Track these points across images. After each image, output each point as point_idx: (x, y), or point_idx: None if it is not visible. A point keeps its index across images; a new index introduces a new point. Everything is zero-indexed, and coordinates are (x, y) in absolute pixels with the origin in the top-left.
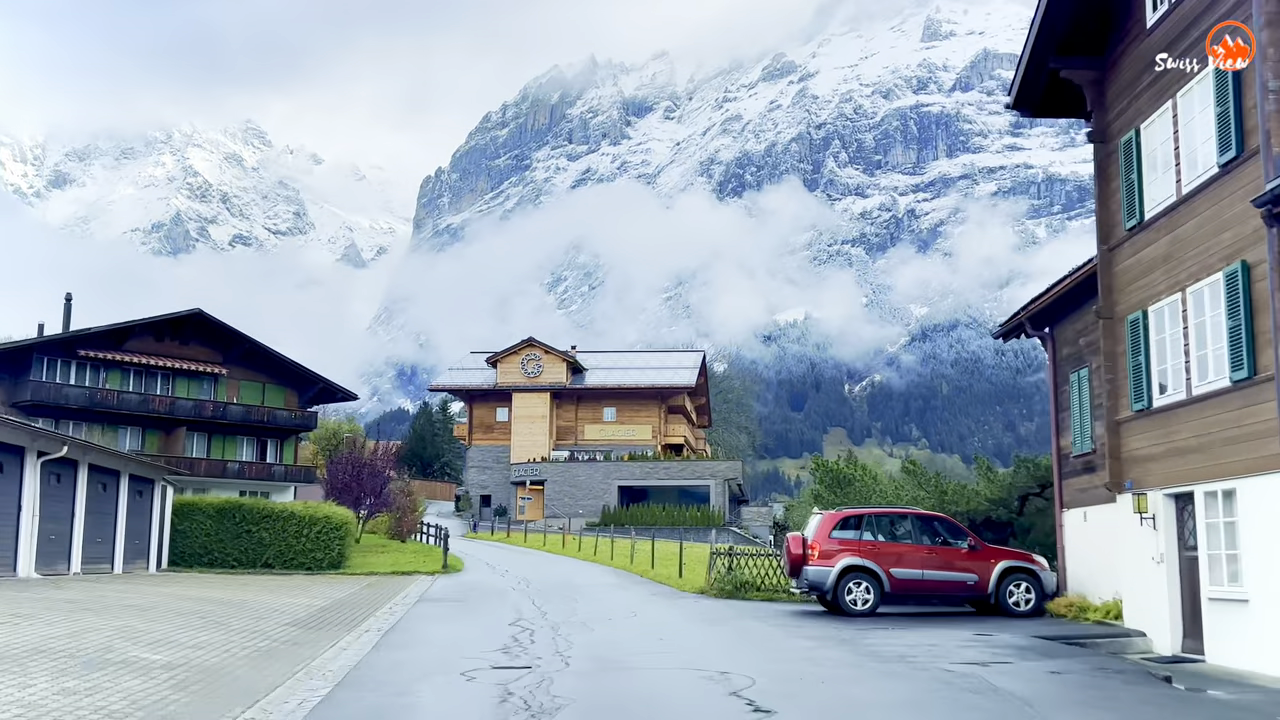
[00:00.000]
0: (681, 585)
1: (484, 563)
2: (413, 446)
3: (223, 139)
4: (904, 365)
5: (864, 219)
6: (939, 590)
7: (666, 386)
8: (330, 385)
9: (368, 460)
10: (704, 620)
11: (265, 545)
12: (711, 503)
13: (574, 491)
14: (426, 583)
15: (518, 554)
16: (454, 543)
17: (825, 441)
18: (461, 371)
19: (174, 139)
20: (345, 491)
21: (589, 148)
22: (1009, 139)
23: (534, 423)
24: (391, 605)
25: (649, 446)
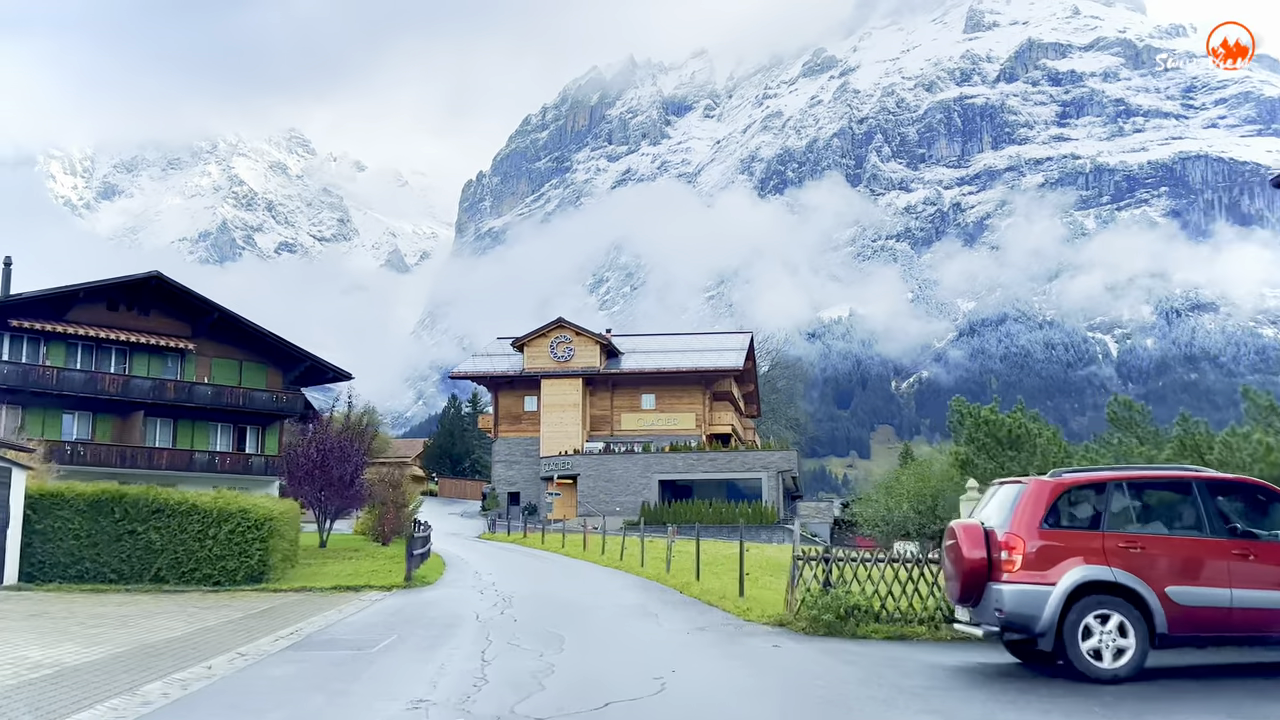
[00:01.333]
0: (744, 610)
1: (473, 571)
2: (440, 443)
3: (267, 148)
4: (952, 361)
5: (908, 213)
6: (1271, 626)
7: (711, 370)
8: (319, 362)
9: (336, 442)
10: (808, 703)
11: (156, 551)
12: (764, 498)
13: (610, 487)
14: (361, 605)
15: (527, 559)
16: (462, 545)
17: (872, 439)
18: (486, 358)
19: (219, 149)
20: (306, 483)
21: (629, 148)
22: (1055, 129)
23: (565, 412)
24: (231, 657)
25: (692, 437)
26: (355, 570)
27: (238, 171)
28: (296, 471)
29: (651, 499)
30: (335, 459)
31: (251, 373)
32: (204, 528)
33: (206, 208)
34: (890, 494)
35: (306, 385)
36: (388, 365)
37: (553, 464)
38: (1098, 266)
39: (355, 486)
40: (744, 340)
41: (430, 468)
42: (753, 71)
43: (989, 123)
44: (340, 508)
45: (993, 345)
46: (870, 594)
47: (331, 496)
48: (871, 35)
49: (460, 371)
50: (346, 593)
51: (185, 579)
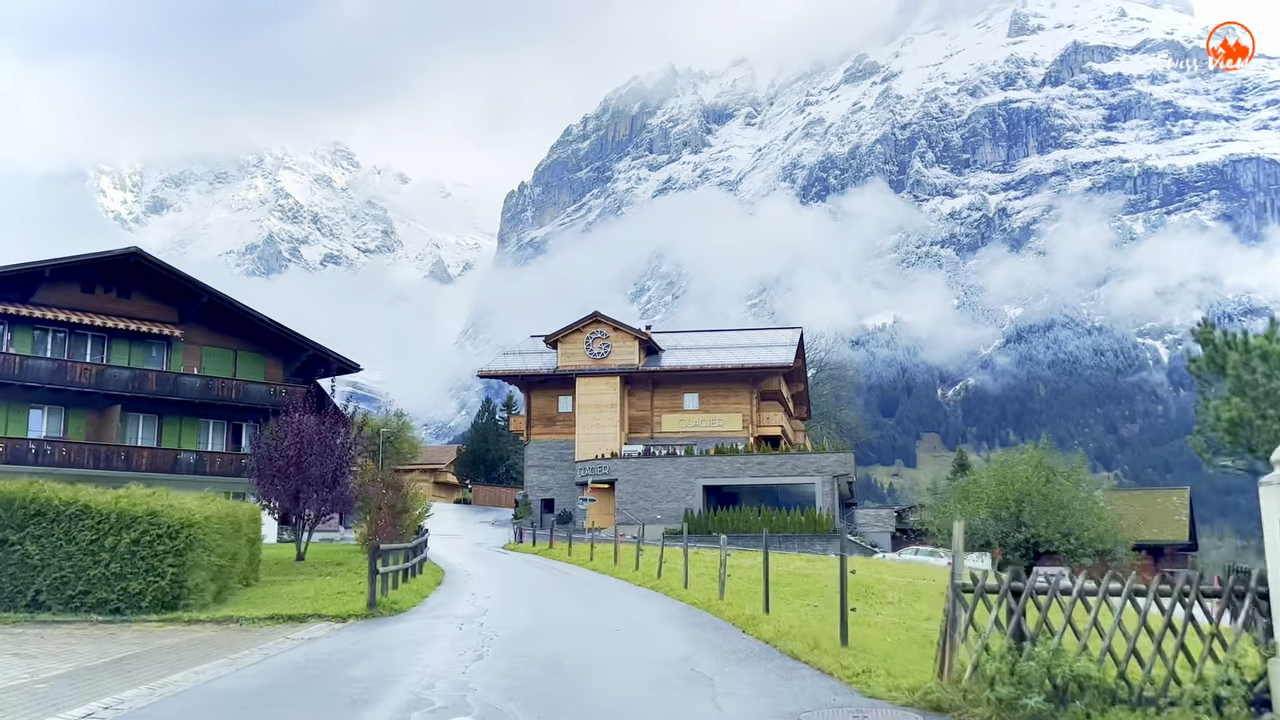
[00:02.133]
0: (858, 674)
1: (470, 593)
2: (474, 449)
3: (312, 161)
4: (999, 367)
5: (953, 219)
6: None
7: (759, 367)
8: (322, 351)
9: (316, 433)
10: None
11: (34, 567)
12: (818, 504)
13: (650, 493)
14: (273, 649)
15: (545, 576)
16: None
17: (918, 447)
18: (518, 356)
19: (265, 162)
20: (280, 483)
21: (670, 157)
22: (1103, 133)
23: (601, 413)
24: None
25: (739, 439)
26: (317, 592)
27: (284, 185)
28: (267, 469)
29: (695, 506)
30: (315, 454)
31: (248, 363)
32: (98, 537)
33: (253, 221)
34: (967, 498)
35: (311, 378)
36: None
37: (588, 468)
38: (1147, 271)
39: (341, 487)
40: (793, 336)
41: (464, 475)
42: (794, 79)
43: (1034, 127)
44: (323, 512)
45: (1040, 352)
46: (1101, 654)
47: (310, 499)
48: (914, 40)
49: (490, 370)
50: (285, 624)
51: (72, 605)
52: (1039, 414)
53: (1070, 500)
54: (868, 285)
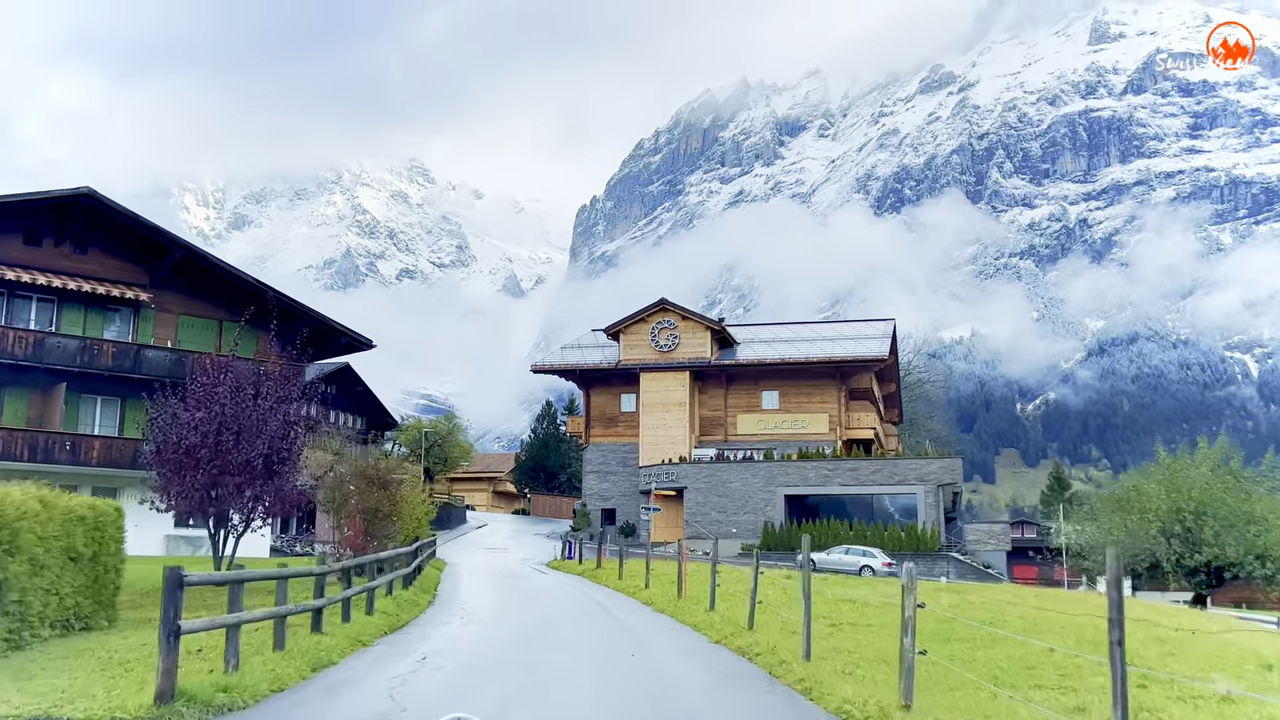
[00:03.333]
0: None
1: (420, 654)
2: (533, 455)
3: (389, 177)
4: (1080, 382)
5: (1032, 230)
6: None
7: (849, 360)
8: (326, 323)
9: (241, 403)
10: None
11: None
12: (919, 518)
13: (723, 503)
14: None
15: (575, 614)
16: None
17: (997, 463)
18: (576, 350)
19: (344, 179)
20: (188, 473)
21: (742, 169)
22: (1187, 141)
23: (669, 411)
24: None
25: (825, 443)
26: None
27: (361, 201)
28: (169, 454)
29: (776, 518)
30: (242, 432)
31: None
32: None
33: (331, 236)
34: (1126, 510)
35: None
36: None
37: (653, 474)
38: (1235, 282)
39: (280, 478)
40: (885, 328)
41: (523, 483)
42: (868, 90)
43: (1116, 136)
44: (256, 513)
45: (1124, 365)
46: None
47: (232, 495)
48: (991, 50)
49: (544, 364)
50: None
51: None
52: (1123, 429)
53: (1266, 513)
54: (944, 297)
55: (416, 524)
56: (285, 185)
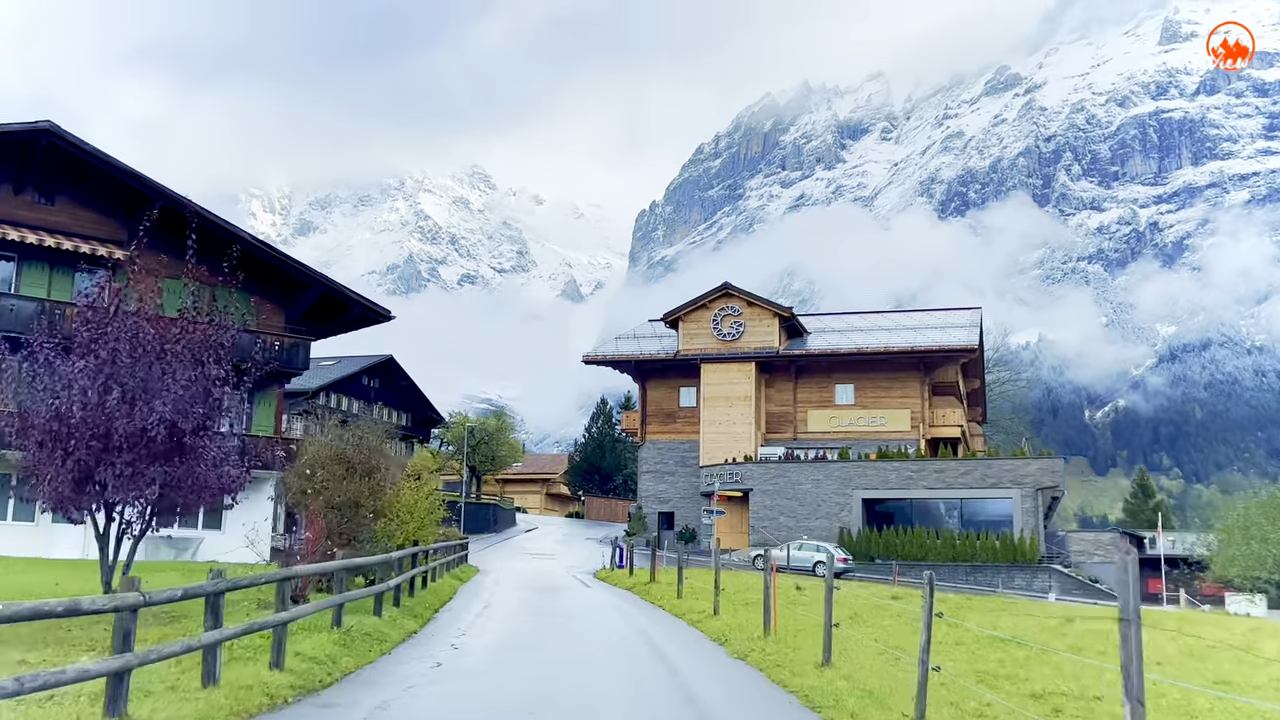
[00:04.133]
0: None
1: None
2: (588, 456)
3: (451, 184)
4: (1151, 388)
5: (1101, 234)
6: None
7: (933, 351)
8: (337, 291)
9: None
10: None
11: None
12: (1015, 526)
13: (793, 507)
14: None
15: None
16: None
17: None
18: (631, 340)
19: (406, 185)
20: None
21: (803, 173)
22: (1263, 142)
23: (732, 406)
24: None
25: (907, 441)
26: None
27: (423, 207)
28: (37, 423)
29: (852, 524)
30: (138, 391)
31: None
32: None
33: (394, 242)
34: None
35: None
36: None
37: (715, 474)
38: None
39: (194, 459)
40: (973, 316)
41: (577, 485)
42: (932, 92)
43: (1188, 137)
44: (158, 507)
45: (1196, 372)
46: None
47: (123, 481)
48: (1058, 51)
49: (597, 355)
50: None
51: None
52: (1195, 437)
53: None
54: (1010, 302)
55: (419, 524)
56: (349, 191)
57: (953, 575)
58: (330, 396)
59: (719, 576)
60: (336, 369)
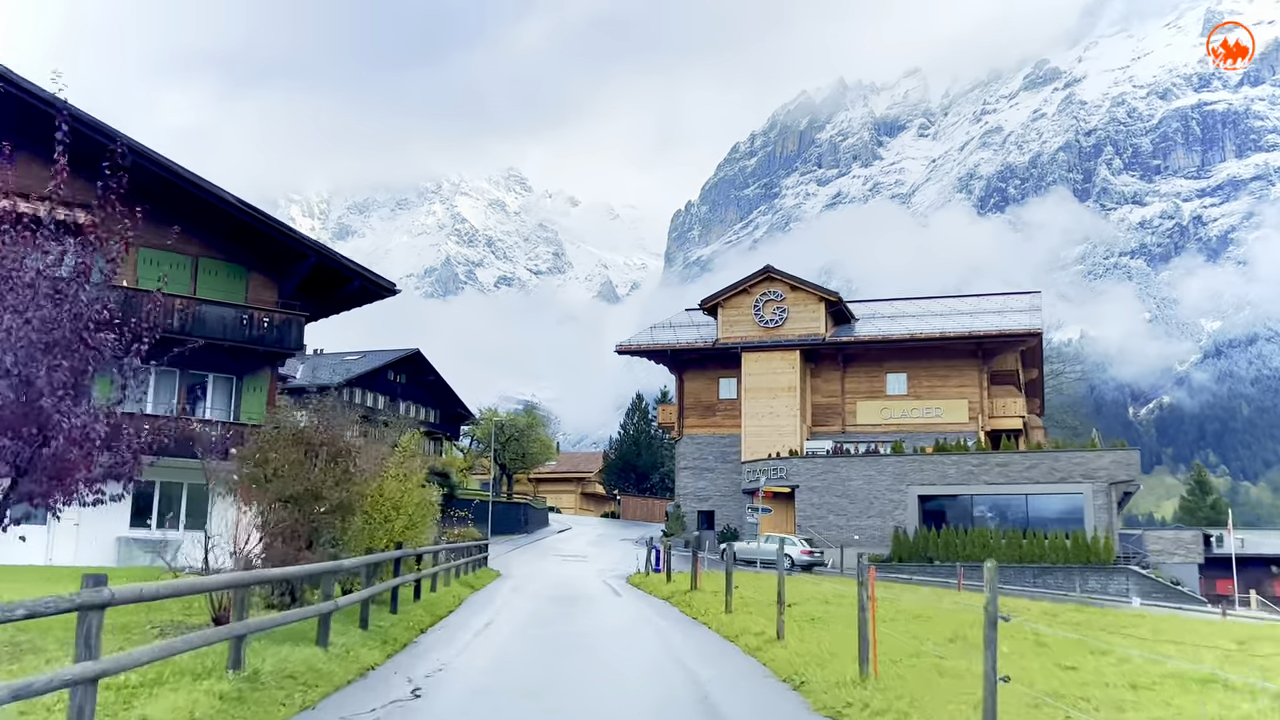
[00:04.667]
0: None
1: None
2: (623, 453)
3: (487, 186)
4: (1196, 384)
5: (1143, 228)
6: None
7: (992, 336)
8: (333, 258)
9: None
10: None
11: None
12: (1086, 523)
13: (842, 504)
14: None
15: (653, 692)
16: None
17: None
18: (667, 330)
19: (443, 189)
20: None
21: (839, 171)
22: None
23: (775, 398)
24: None
25: (965, 433)
26: None
27: (460, 210)
28: None
29: (908, 522)
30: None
31: (216, 276)
32: None
33: (432, 245)
34: None
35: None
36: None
37: (758, 470)
38: None
39: (55, 429)
40: (1033, 300)
41: (613, 484)
42: (969, 88)
43: (1232, 130)
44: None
45: (1242, 367)
46: None
47: None
48: (1098, 44)
49: (631, 345)
50: None
51: None
52: (1242, 434)
53: None
54: (1052, 298)
55: (409, 523)
56: (387, 195)
57: (1019, 577)
58: (353, 392)
59: (783, 590)
60: (360, 363)
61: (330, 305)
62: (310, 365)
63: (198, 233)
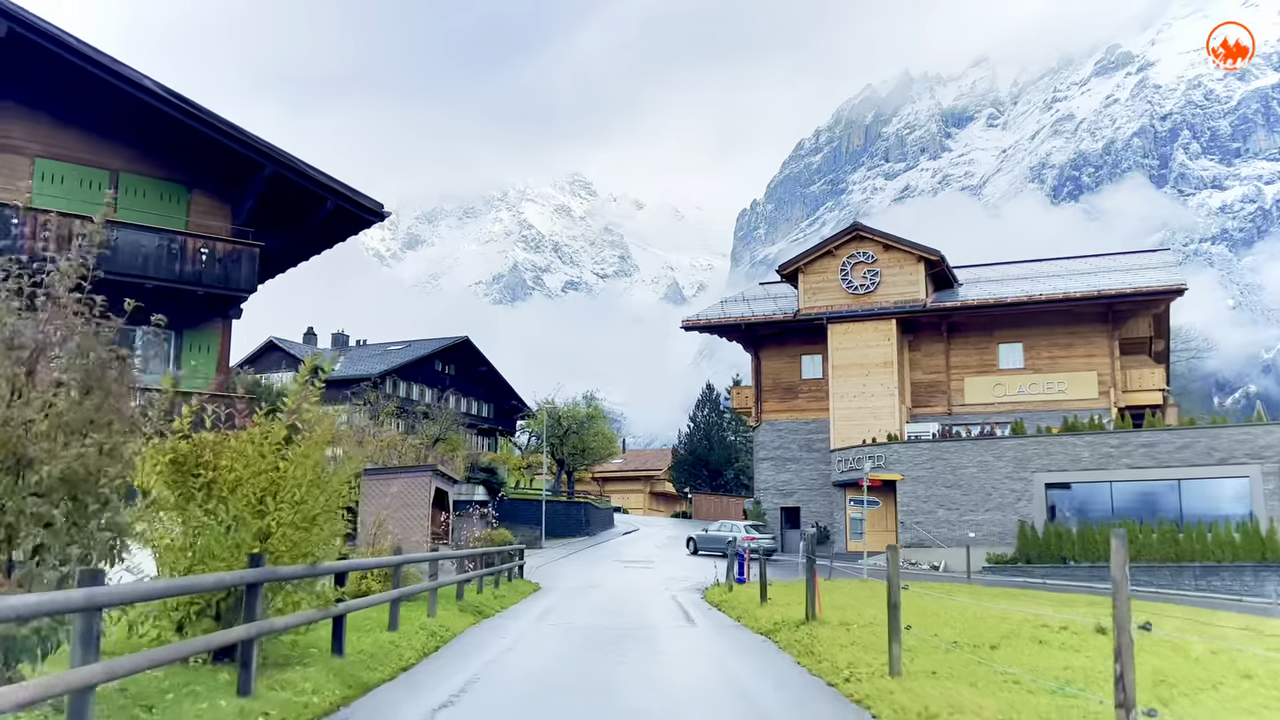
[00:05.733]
0: None
1: None
2: (694, 448)
3: (553, 192)
4: None
5: (1224, 213)
6: None
7: (1126, 295)
8: (295, 167)
9: None
10: None
11: None
12: (1255, 512)
13: (953, 496)
14: None
15: None
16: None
17: None
18: (739, 304)
19: (509, 196)
20: None
21: (907, 164)
22: None
23: (869, 375)
24: None
25: (1093, 411)
26: None
27: (526, 216)
28: None
29: (1034, 515)
30: None
31: (143, 195)
32: None
33: (499, 252)
34: None
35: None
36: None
37: (850, 460)
38: None
39: None
40: (1166, 258)
41: (683, 482)
42: (1039, 75)
43: None
44: None
45: None
46: None
47: None
48: (1172, 26)
49: (700, 319)
50: None
51: None
52: None
53: None
54: None
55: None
56: (454, 204)
57: (1177, 579)
58: (395, 383)
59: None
60: (403, 352)
61: (305, 238)
62: (351, 357)
63: (122, 139)
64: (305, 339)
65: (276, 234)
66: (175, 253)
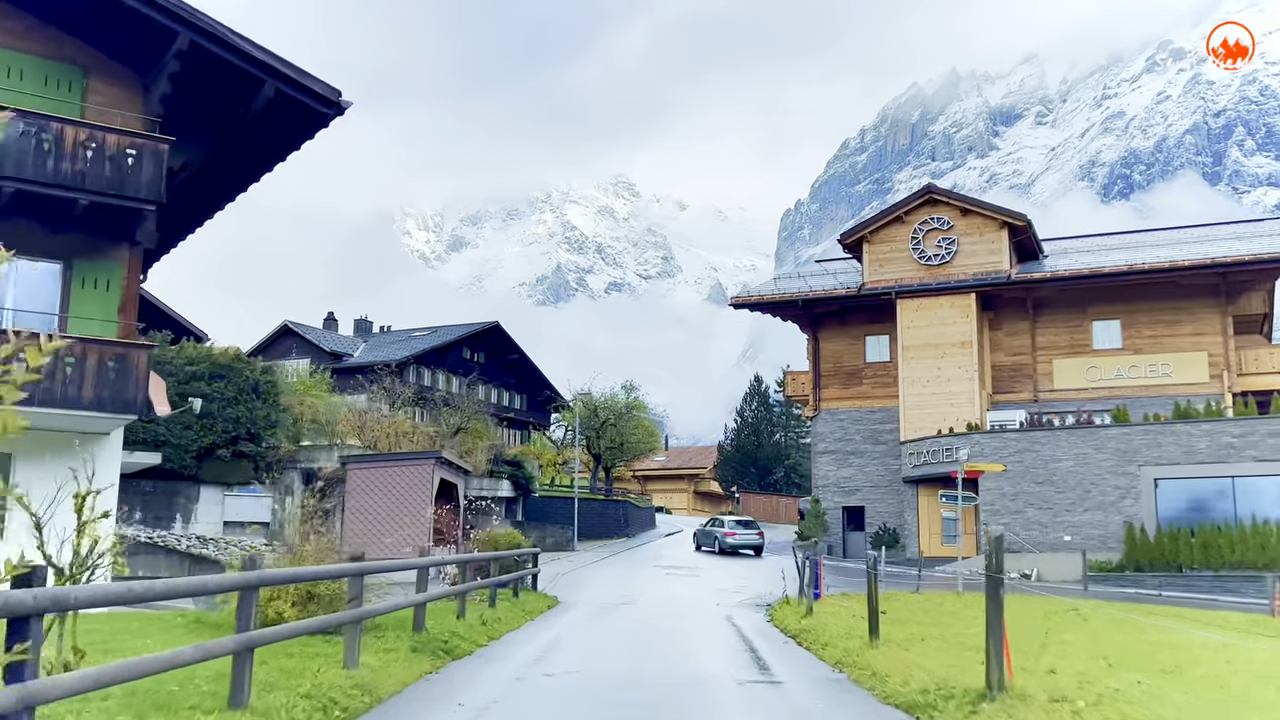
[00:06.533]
0: None
1: None
2: (742, 444)
3: (595, 194)
4: None
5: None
6: None
7: (1244, 263)
8: (217, 35)
9: None
10: None
11: None
12: None
13: (1045, 493)
14: None
15: None
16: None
17: None
18: (794, 280)
19: (552, 198)
20: None
21: (954, 163)
22: None
23: (944, 357)
24: None
25: (1205, 396)
26: None
27: (570, 218)
28: None
29: (1142, 515)
30: None
31: (22, 77)
32: None
33: (543, 253)
34: None
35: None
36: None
37: (926, 453)
38: None
39: None
40: (1277, 226)
41: (729, 480)
42: (1089, 72)
43: None
44: None
45: None
46: None
47: None
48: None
49: (751, 295)
50: None
51: None
52: None
53: None
54: None
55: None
56: (498, 207)
57: None
58: (419, 371)
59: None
60: (428, 338)
61: (242, 143)
62: (372, 344)
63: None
64: (325, 324)
65: (202, 134)
66: (47, 145)
